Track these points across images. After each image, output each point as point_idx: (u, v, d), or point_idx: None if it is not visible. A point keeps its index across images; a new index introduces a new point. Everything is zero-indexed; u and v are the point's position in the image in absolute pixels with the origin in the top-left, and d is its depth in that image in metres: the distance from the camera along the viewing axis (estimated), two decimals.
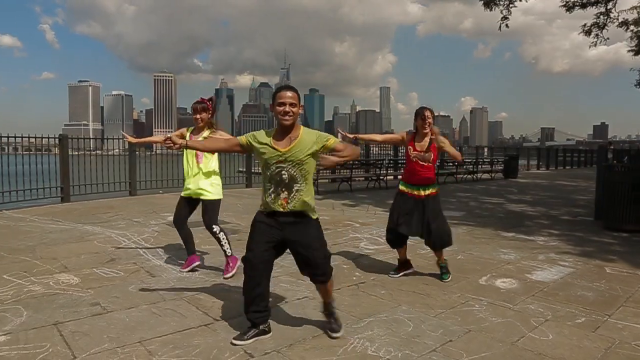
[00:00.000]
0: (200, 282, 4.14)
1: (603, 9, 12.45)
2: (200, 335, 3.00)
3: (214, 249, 4.79)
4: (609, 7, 12.38)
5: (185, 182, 4.35)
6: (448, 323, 3.29)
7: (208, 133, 4.24)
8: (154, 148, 11.45)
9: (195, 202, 4.36)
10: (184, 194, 4.36)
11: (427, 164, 4.19)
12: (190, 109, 4.35)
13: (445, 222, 4.33)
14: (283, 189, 2.90)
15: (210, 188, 4.28)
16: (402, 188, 4.30)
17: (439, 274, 4.34)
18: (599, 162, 9.03)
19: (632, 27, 12.99)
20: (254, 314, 2.95)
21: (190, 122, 4.43)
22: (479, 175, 17.47)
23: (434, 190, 4.26)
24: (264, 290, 2.97)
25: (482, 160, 18.92)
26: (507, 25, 12.39)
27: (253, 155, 3.11)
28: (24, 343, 2.83)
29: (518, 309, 3.59)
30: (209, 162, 4.29)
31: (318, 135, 2.94)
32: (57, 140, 9.51)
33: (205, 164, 4.27)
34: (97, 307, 3.46)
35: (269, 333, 3.01)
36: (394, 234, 4.29)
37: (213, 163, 4.32)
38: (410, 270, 4.45)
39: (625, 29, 12.92)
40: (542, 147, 52.96)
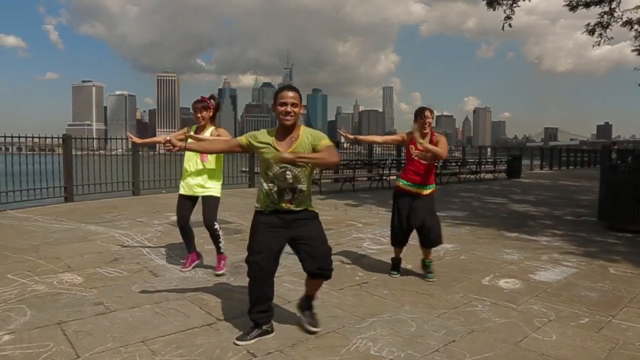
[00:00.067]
0: (203, 281, 4.15)
1: (607, 8, 12.40)
2: (203, 335, 3.01)
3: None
4: (613, 6, 12.32)
5: (186, 179, 4.32)
6: (451, 323, 3.28)
7: (211, 131, 4.26)
8: (157, 148, 11.46)
9: (195, 199, 4.36)
10: (185, 192, 4.33)
11: (428, 164, 4.24)
12: (192, 109, 4.37)
13: (438, 222, 4.38)
14: (287, 190, 2.89)
15: (212, 185, 4.31)
16: (402, 185, 4.32)
17: (426, 273, 4.37)
18: (603, 162, 9.01)
19: (636, 26, 12.93)
20: (258, 314, 2.95)
21: (193, 121, 4.44)
22: (482, 175, 17.43)
23: (432, 190, 4.32)
24: (269, 291, 2.98)
25: (485, 160, 18.88)
26: (510, 25, 12.36)
27: (256, 156, 3.10)
28: (28, 342, 2.84)
29: (521, 310, 3.58)
30: (215, 163, 4.31)
31: (314, 136, 2.92)
32: (60, 140, 9.54)
33: (211, 163, 4.29)
34: (100, 306, 3.47)
35: (272, 333, 3.01)
36: (401, 231, 4.33)
37: (219, 162, 4.35)
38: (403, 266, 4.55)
39: (630, 29, 12.86)
40: (545, 147, 52.83)
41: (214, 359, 2.69)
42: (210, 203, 4.31)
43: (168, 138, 2.87)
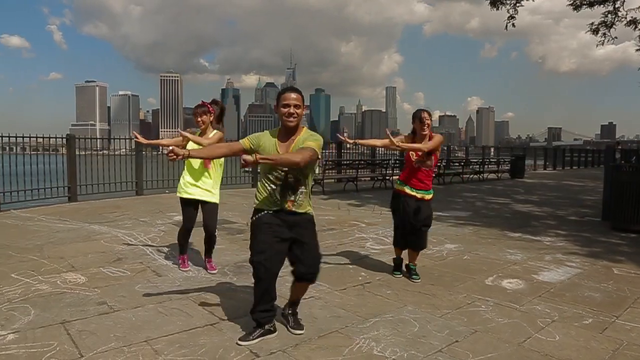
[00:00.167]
0: (206, 281, 4.15)
1: (611, 8, 12.33)
2: (206, 335, 3.01)
3: (220, 249, 4.81)
4: (617, 5, 12.26)
5: (186, 183, 4.31)
6: (454, 323, 3.28)
7: (213, 134, 4.27)
8: (161, 148, 11.49)
9: (196, 203, 4.37)
10: (187, 196, 4.31)
11: (429, 169, 4.23)
12: (192, 113, 4.42)
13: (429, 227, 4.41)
14: (289, 192, 2.91)
15: (216, 191, 4.36)
16: (405, 190, 4.26)
17: (410, 275, 4.36)
18: (607, 162, 8.99)
19: None
20: (260, 314, 2.96)
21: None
22: (486, 176, 17.40)
23: (431, 196, 4.31)
24: (272, 292, 2.99)
25: (488, 160, 18.85)
26: (513, 25, 12.32)
27: None
28: (32, 341, 2.85)
29: (524, 310, 3.57)
30: (217, 167, 4.34)
31: (306, 138, 2.89)
32: (64, 140, 9.57)
33: (214, 169, 4.32)
34: (103, 306, 3.48)
35: (275, 332, 3.01)
36: (405, 230, 4.31)
37: (220, 169, 4.39)
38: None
39: (634, 28, 12.79)
40: (549, 147, 52.68)
41: (217, 359, 2.69)
42: (213, 209, 4.37)
43: (171, 148, 2.89)
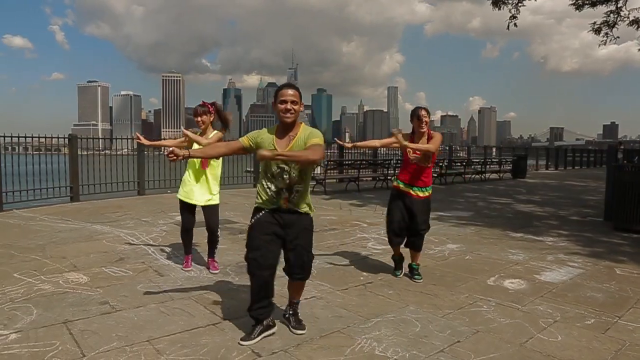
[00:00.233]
0: (208, 281, 4.15)
1: (613, 7, 12.31)
2: (208, 335, 3.02)
3: (222, 249, 4.81)
4: (619, 5, 12.23)
5: (187, 186, 4.34)
6: (456, 324, 3.28)
7: (213, 135, 4.29)
8: (162, 148, 11.51)
9: (194, 206, 4.40)
10: (186, 200, 4.33)
11: (427, 166, 4.20)
12: (192, 113, 4.43)
13: (429, 226, 4.40)
14: (284, 190, 2.93)
15: (215, 192, 4.37)
16: (400, 186, 4.28)
17: (412, 275, 4.36)
18: (609, 162, 8.96)
19: None
20: (257, 311, 2.96)
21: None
22: (487, 176, 17.38)
23: (429, 193, 4.28)
24: (269, 288, 2.99)
25: (490, 160, 18.83)
26: (515, 25, 12.30)
27: None
28: (34, 341, 2.86)
29: (527, 310, 3.57)
30: (214, 168, 4.35)
31: (308, 134, 2.91)
32: (66, 140, 9.60)
33: (211, 170, 4.32)
34: (106, 305, 3.49)
35: (274, 327, 3.03)
36: (393, 232, 4.33)
37: (218, 170, 4.38)
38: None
39: (636, 28, 12.75)
40: (551, 147, 52.60)
41: (219, 359, 2.70)
42: (213, 210, 4.39)
43: (171, 149, 2.91)
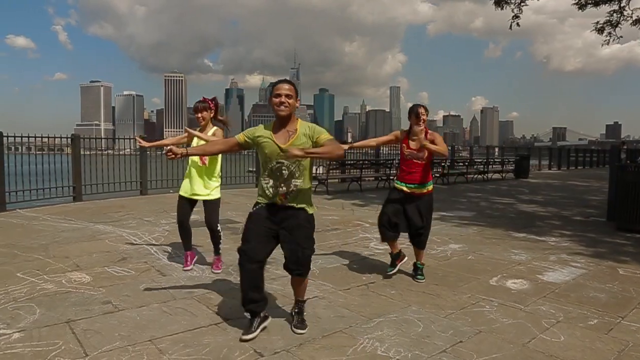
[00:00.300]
0: (211, 281, 4.16)
1: (616, 7, 12.27)
2: (211, 334, 3.02)
3: (224, 248, 4.80)
4: (623, 4, 12.20)
5: (185, 180, 4.42)
6: (458, 324, 3.27)
7: (212, 132, 4.32)
8: (164, 148, 11.53)
9: (194, 201, 4.42)
10: (185, 194, 4.40)
11: (421, 162, 4.17)
12: (192, 109, 4.44)
13: (430, 224, 4.34)
14: (282, 185, 2.97)
15: (212, 188, 4.38)
16: (397, 185, 4.27)
17: (415, 275, 4.34)
18: (612, 162, 8.95)
19: None
20: (251, 305, 3.02)
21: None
22: (490, 175, 17.36)
23: (430, 189, 4.24)
24: (258, 281, 3.03)
25: (492, 160, 18.79)
26: (518, 24, 12.28)
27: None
28: (37, 340, 2.86)
29: (529, 310, 3.56)
30: (211, 163, 4.35)
31: (312, 129, 2.97)
32: (69, 140, 9.62)
33: (209, 165, 4.34)
34: (108, 305, 3.50)
35: (269, 318, 3.11)
36: (386, 225, 4.23)
37: (215, 165, 4.38)
38: (405, 260, 4.41)
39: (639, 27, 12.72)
40: (553, 147, 52.49)
41: (221, 358, 2.70)
42: (211, 206, 4.41)
43: (169, 147, 2.93)
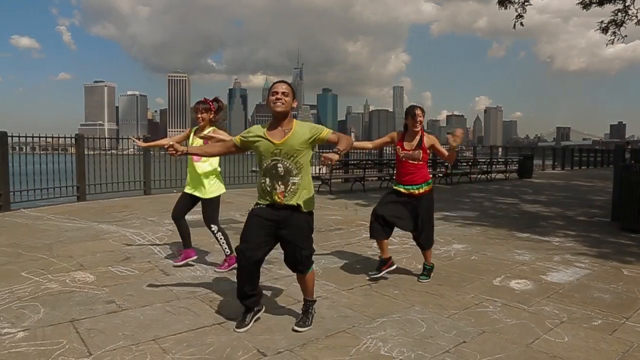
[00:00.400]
0: (214, 280, 4.17)
1: (621, 6, 12.23)
2: (214, 334, 3.02)
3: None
4: (627, 3, 12.15)
5: (188, 179, 4.47)
6: (462, 324, 3.26)
7: (209, 132, 4.31)
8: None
9: (196, 199, 4.43)
10: (186, 190, 4.46)
11: (417, 163, 4.13)
12: (193, 109, 4.45)
13: (432, 224, 4.29)
14: (279, 182, 2.98)
15: (208, 186, 4.37)
16: (395, 188, 4.24)
17: (419, 274, 4.34)
18: (616, 162, 8.90)
19: None
20: (248, 300, 3.10)
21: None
22: (493, 175, 17.32)
23: (428, 188, 4.19)
24: (254, 279, 3.10)
25: (496, 160, 18.76)
26: (522, 24, 12.26)
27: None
28: (42, 339, 2.88)
29: (533, 311, 3.55)
30: (206, 161, 4.36)
31: (311, 127, 3.02)
32: (73, 140, 9.66)
33: (203, 163, 4.35)
34: (112, 304, 3.51)
35: (262, 309, 3.24)
36: (380, 220, 4.13)
37: (213, 162, 4.38)
38: (393, 267, 4.34)
39: None
40: (557, 146, 52.29)
41: (225, 358, 2.70)
42: (209, 205, 4.41)
43: (171, 143, 2.95)
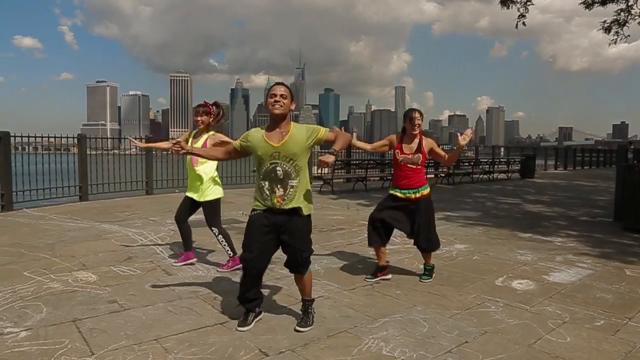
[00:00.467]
0: (216, 280, 4.17)
1: (624, 6, 12.20)
2: (216, 334, 3.03)
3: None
4: (630, 3, 12.12)
5: (188, 182, 4.49)
6: (464, 324, 3.26)
7: (206, 137, 4.33)
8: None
9: (196, 202, 4.45)
10: (187, 194, 4.49)
11: (416, 167, 4.10)
12: (194, 112, 4.45)
13: (432, 226, 4.23)
14: (278, 186, 2.98)
15: (204, 190, 4.37)
16: (391, 192, 4.20)
17: (421, 275, 4.33)
18: (619, 162, 8.88)
19: None
20: (249, 303, 3.16)
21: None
22: (496, 175, 17.29)
23: (426, 192, 4.15)
24: (257, 281, 3.16)
25: (498, 160, 18.73)
26: (524, 24, 12.24)
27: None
28: (44, 339, 2.88)
29: (535, 311, 3.54)
30: (204, 165, 4.35)
31: (308, 129, 3.04)
32: (75, 140, 9.68)
33: (200, 167, 4.34)
34: (114, 304, 3.51)
35: (262, 313, 3.27)
36: (377, 224, 4.13)
37: (209, 165, 4.37)
38: (388, 277, 4.27)
39: None
40: (559, 146, 52.19)
41: (227, 358, 2.70)
42: (207, 208, 4.42)
43: (179, 139, 2.95)
